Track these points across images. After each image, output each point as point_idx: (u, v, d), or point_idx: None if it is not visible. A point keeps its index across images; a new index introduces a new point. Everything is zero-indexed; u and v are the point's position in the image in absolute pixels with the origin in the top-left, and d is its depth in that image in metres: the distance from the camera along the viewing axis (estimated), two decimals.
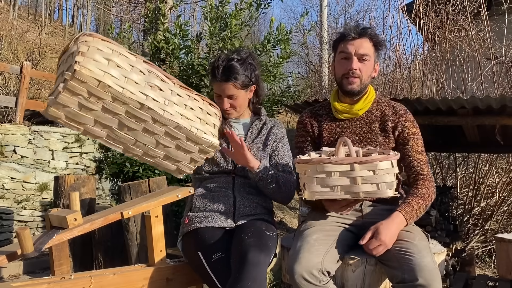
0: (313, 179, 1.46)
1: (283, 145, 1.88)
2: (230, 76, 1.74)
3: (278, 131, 1.89)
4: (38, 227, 5.00)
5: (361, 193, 1.43)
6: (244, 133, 1.86)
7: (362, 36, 1.68)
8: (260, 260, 1.46)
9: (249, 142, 1.83)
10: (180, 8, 7.75)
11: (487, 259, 5.06)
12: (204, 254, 1.59)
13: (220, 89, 1.77)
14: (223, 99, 1.77)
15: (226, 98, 1.77)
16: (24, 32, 11.32)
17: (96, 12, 24.82)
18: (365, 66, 1.69)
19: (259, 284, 1.42)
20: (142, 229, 2.64)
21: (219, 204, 1.73)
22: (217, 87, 1.78)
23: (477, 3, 5.51)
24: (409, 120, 1.74)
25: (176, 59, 5.27)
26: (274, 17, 5.14)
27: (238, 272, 1.42)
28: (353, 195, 1.44)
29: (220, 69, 1.74)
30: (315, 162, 1.46)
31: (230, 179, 1.79)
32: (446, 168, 5.77)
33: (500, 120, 2.94)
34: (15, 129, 5.23)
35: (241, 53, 1.81)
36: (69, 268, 1.74)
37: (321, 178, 1.45)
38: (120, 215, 1.61)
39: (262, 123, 1.90)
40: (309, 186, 1.47)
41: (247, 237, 1.55)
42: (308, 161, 1.50)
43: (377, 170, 1.42)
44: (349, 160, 1.43)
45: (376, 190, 1.43)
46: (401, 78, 5.80)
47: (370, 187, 1.42)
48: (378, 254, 1.49)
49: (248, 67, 1.78)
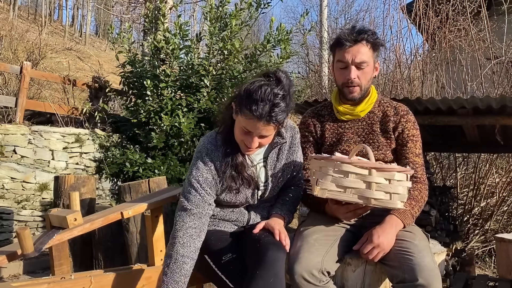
0: (328, 176, 1.46)
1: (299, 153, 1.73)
2: (273, 117, 1.44)
3: (296, 143, 1.70)
4: (38, 227, 5.00)
5: (372, 200, 1.43)
6: (262, 157, 1.66)
7: (358, 42, 1.66)
8: (280, 256, 1.46)
9: (270, 169, 1.65)
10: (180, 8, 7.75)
11: (487, 259, 5.06)
12: (212, 257, 1.57)
13: (255, 129, 1.47)
14: (252, 137, 1.50)
15: (258, 137, 1.51)
16: (24, 32, 11.31)
17: (96, 12, 24.86)
18: (363, 73, 1.69)
19: (280, 279, 1.42)
20: (142, 229, 2.64)
21: (232, 217, 1.68)
22: (251, 125, 1.46)
23: (477, 3, 5.51)
24: (410, 121, 1.74)
25: (176, 59, 5.27)
26: (274, 17, 5.15)
27: (258, 269, 1.41)
28: (365, 200, 1.44)
29: (264, 106, 1.42)
30: (333, 160, 1.47)
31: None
32: (446, 168, 5.76)
33: (500, 120, 2.94)
34: (15, 129, 5.22)
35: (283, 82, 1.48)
36: (69, 268, 1.74)
37: (336, 177, 1.45)
38: (120, 215, 1.62)
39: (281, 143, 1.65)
40: (323, 183, 1.47)
41: (264, 236, 1.54)
42: (326, 158, 1.50)
43: (393, 180, 1.43)
44: (368, 165, 1.44)
45: (388, 200, 1.43)
46: (401, 78, 5.80)
47: (383, 195, 1.43)
48: (376, 259, 1.49)
49: (289, 102, 1.49)
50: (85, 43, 19.95)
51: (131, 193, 2.64)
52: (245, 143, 1.53)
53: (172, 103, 5.07)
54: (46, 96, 7.35)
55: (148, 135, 5.18)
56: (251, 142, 1.50)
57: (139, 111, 5.20)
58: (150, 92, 5.08)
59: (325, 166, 1.48)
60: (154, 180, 2.68)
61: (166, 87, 5.08)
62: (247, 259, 1.51)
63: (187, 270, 1.47)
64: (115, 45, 5.56)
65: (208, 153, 1.57)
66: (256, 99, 1.43)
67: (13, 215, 4.86)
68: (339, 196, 1.46)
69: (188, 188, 1.56)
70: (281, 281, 1.43)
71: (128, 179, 5.24)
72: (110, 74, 9.16)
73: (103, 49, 19.54)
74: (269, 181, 1.65)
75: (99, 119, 6.09)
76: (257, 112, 1.42)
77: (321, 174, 1.49)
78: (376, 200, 1.43)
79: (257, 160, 1.65)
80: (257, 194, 1.66)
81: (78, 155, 5.69)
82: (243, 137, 1.52)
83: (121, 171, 5.44)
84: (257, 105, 1.42)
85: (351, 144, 1.75)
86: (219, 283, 1.54)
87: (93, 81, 6.58)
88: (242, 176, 1.58)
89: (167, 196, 1.84)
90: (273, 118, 1.44)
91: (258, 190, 1.65)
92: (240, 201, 1.64)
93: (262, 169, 1.66)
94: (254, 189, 1.63)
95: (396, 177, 1.43)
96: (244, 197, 1.63)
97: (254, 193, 1.64)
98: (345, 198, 1.46)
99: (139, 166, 5.06)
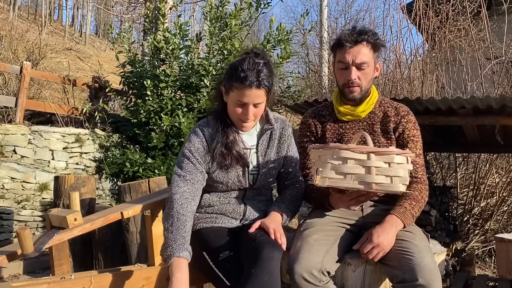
0: (327, 164, 1.45)
1: (292, 148, 1.81)
2: (262, 81, 1.58)
3: (288, 135, 1.79)
4: (38, 227, 5.00)
5: (373, 184, 1.41)
6: (254, 143, 1.75)
7: (358, 43, 1.67)
8: (275, 255, 1.47)
9: (261, 156, 1.73)
10: (180, 8, 7.75)
11: (487, 259, 5.06)
12: (210, 254, 1.58)
13: (248, 97, 1.59)
14: (248, 108, 1.61)
15: (253, 106, 1.62)
16: (24, 32, 11.31)
17: (96, 12, 24.86)
18: (364, 74, 1.69)
19: (275, 278, 1.43)
20: (142, 229, 2.64)
21: (229, 208, 1.71)
22: (244, 94, 1.59)
23: (477, 3, 5.51)
24: (411, 121, 1.74)
25: (176, 59, 5.28)
26: (274, 17, 5.15)
27: (254, 267, 1.42)
28: (366, 186, 1.42)
29: (251, 73, 1.57)
30: (332, 148, 1.46)
31: (242, 190, 1.74)
32: (446, 168, 5.77)
33: (500, 120, 2.94)
34: (15, 129, 5.22)
35: (261, 54, 1.66)
36: (69, 268, 1.74)
37: (335, 164, 1.44)
38: (120, 215, 1.62)
39: (271, 129, 1.75)
40: (323, 171, 1.46)
41: (259, 235, 1.55)
42: (324, 146, 1.50)
43: (393, 163, 1.41)
44: (366, 149, 1.42)
45: (389, 183, 1.42)
46: (401, 78, 5.81)
47: (383, 179, 1.41)
48: (376, 259, 1.49)
49: (272, 69, 1.65)
50: (85, 43, 19.95)
51: (131, 193, 2.64)
52: (241, 118, 1.64)
53: (172, 103, 5.08)
54: (46, 96, 7.35)
55: (148, 135, 5.19)
56: (247, 113, 1.62)
57: (139, 111, 5.21)
58: (150, 92, 5.09)
59: (324, 155, 1.47)
60: (154, 180, 2.68)
61: (166, 87, 5.09)
62: (243, 258, 1.52)
63: (189, 228, 1.55)
64: (115, 45, 5.57)
65: (200, 129, 1.71)
66: (242, 69, 1.58)
67: (13, 215, 4.86)
68: (339, 183, 1.45)
69: (182, 158, 1.68)
70: (276, 280, 1.43)
71: (128, 179, 5.25)
72: (110, 74, 9.16)
73: (103, 49, 19.54)
74: (260, 166, 1.72)
75: (99, 119, 6.10)
76: (247, 80, 1.57)
77: (320, 163, 1.48)
78: (377, 185, 1.42)
79: (249, 145, 1.73)
80: (248, 174, 1.70)
81: (78, 155, 5.70)
82: (239, 112, 1.63)
83: (121, 171, 5.45)
84: (245, 74, 1.57)
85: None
86: (217, 281, 1.54)
87: (93, 81, 6.58)
88: (231, 153, 1.65)
89: (167, 196, 1.83)
90: (261, 83, 1.58)
91: (248, 168, 1.70)
92: (232, 181, 1.68)
93: (253, 154, 1.73)
94: (244, 167, 1.69)
95: (396, 160, 1.42)
96: (235, 176, 1.68)
97: (244, 172, 1.69)
98: (345, 185, 1.44)
99: (139, 166, 5.06)
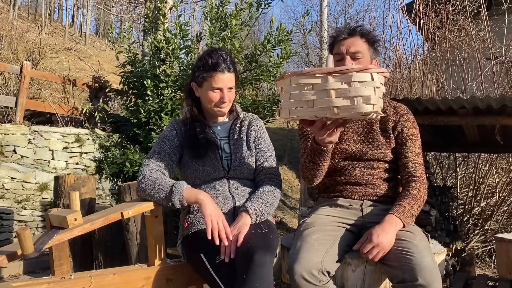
0: (288, 94, 1.38)
1: (264, 140, 1.86)
2: (231, 66, 1.73)
3: (256, 126, 1.86)
4: (38, 227, 5.00)
5: (335, 109, 1.30)
6: (226, 135, 1.84)
7: (352, 35, 1.70)
8: (267, 260, 1.46)
9: (233, 144, 1.81)
10: (180, 8, 7.75)
11: (487, 259, 5.07)
12: (207, 256, 1.58)
13: (223, 81, 1.72)
14: (224, 92, 1.74)
15: (228, 90, 1.74)
16: (24, 32, 11.29)
17: (96, 12, 24.84)
18: (359, 64, 1.68)
19: (267, 284, 1.42)
20: (142, 229, 2.64)
21: (218, 203, 1.71)
22: (219, 78, 1.72)
23: (477, 3, 5.51)
24: (410, 120, 1.74)
25: (176, 59, 5.27)
26: (274, 17, 5.14)
27: (246, 273, 1.42)
28: (328, 111, 1.32)
29: (221, 60, 1.71)
30: (289, 75, 1.37)
31: (224, 181, 1.77)
32: (446, 168, 5.77)
33: (500, 120, 2.94)
34: (15, 129, 5.22)
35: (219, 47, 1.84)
36: (69, 268, 1.74)
37: (295, 93, 1.36)
38: (120, 215, 1.61)
39: (240, 121, 1.86)
40: (284, 103, 1.39)
41: (251, 239, 1.54)
42: (284, 75, 1.40)
43: (352, 82, 1.29)
44: (321, 71, 1.31)
45: (350, 105, 1.29)
46: (401, 78, 5.81)
47: (344, 102, 1.29)
48: (376, 259, 1.49)
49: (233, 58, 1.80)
50: (85, 43, 19.94)
51: (131, 193, 2.65)
52: (218, 103, 1.75)
53: (172, 103, 5.08)
54: (46, 96, 7.35)
55: (148, 135, 5.18)
56: (224, 96, 1.73)
57: (139, 111, 5.20)
58: (150, 92, 5.09)
59: (284, 85, 1.39)
60: None
61: (166, 87, 5.09)
62: (236, 262, 1.51)
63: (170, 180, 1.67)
64: (115, 45, 5.56)
65: (174, 123, 1.86)
66: (212, 59, 1.71)
67: (13, 215, 4.86)
68: (301, 113, 1.36)
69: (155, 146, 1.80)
70: (268, 285, 1.42)
71: (128, 179, 5.25)
72: (110, 74, 9.16)
73: (103, 49, 19.53)
74: (232, 153, 1.80)
75: (99, 119, 6.09)
76: (219, 66, 1.70)
77: (283, 94, 1.41)
78: (339, 109, 1.30)
79: (220, 136, 1.83)
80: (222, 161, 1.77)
81: (78, 155, 5.69)
82: (216, 98, 1.74)
83: (121, 171, 5.45)
84: (216, 61, 1.71)
85: (351, 143, 1.75)
86: (213, 285, 1.54)
87: (93, 81, 6.58)
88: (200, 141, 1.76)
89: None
90: (230, 66, 1.73)
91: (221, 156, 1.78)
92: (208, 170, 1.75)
93: (226, 144, 1.83)
94: (215, 151, 1.77)
95: (356, 78, 1.28)
96: (210, 165, 1.75)
97: (217, 156, 1.76)
98: (307, 114, 1.36)
99: (139, 166, 5.06)
